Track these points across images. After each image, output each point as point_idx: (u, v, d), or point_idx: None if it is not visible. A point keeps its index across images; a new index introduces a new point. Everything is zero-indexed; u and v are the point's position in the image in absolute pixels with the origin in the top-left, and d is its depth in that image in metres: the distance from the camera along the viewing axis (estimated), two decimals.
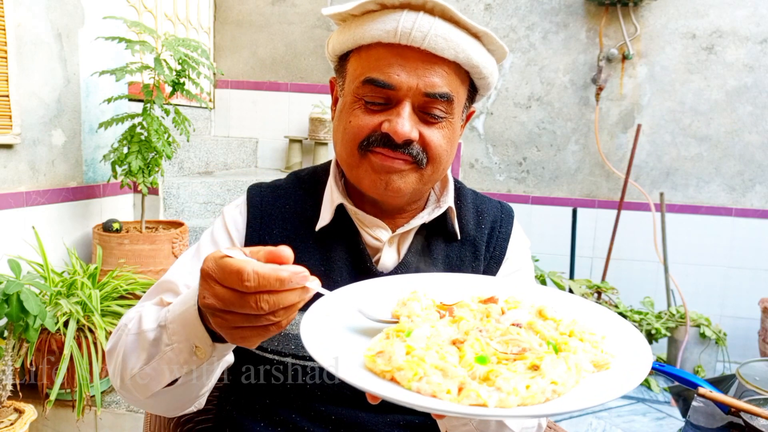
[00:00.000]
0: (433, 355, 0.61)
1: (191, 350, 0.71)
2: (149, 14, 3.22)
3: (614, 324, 0.71)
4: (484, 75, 0.89)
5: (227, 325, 0.61)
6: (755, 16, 3.31)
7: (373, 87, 0.84)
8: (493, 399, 0.56)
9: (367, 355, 0.63)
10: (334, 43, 0.92)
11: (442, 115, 0.87)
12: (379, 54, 0.85)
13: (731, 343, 3.25)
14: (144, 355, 0.76)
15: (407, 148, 0.85)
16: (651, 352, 0.63)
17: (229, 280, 0.58)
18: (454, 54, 0.84)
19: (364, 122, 0.86)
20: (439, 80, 0.84)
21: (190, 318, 0.70)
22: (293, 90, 3.81)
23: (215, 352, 0.71)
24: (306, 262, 0.92)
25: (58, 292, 2.04)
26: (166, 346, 0.73)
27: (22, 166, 2.24)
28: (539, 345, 0.64)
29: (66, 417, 2.09)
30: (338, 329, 0.69)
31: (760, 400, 1.17)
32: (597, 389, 0.59)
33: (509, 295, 0.77)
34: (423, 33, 0.82)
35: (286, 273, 0.59)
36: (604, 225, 3.54)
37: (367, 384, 0.57)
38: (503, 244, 1.00)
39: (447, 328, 0.69)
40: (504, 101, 3.63)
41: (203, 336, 0.69)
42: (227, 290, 0.59)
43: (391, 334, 0.67)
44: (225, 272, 0.58)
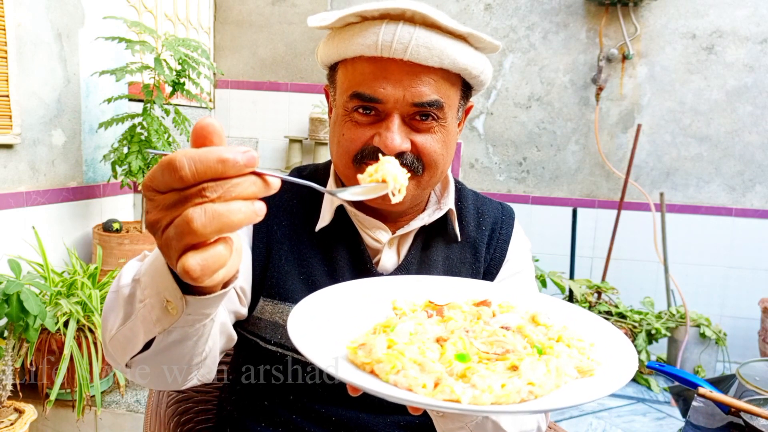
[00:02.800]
0: (414, 350, 0.62)
1: (162, 306, 0.60)
2: (149, 14, 3.21)
3: (607, 333, 0.71)
4: (475, 74, 0.88)
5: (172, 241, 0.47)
6: (755, 16, 3.31)
7: (360, 101, 0.84)
8: (467, 396, 0.55)
9: (350, 347, 0.63)
10: (321, 54, 0.92)
11: (433, 121, 0.86)
12: (363, 68, 0.84)
13: (731, 343, 3.25)
14: (121, 313, 0.67)
15: (401, 158, 0.84)
16: (637, 363, 0.63)
17: (164, 179, 0.46)
18: (439, 61, 0.82)
19: (355, 136, 0.86)
20: (427, 89, 0.83)
21: (158, 266, 0.59)
22: (293, 90, 3.81)
23: (188, 308, 0.59)
24: (309, 262, 0.93)
25: (58, 292, 2.04)
26: (139, 302, 0.64)
27: (22, 166, 2.24)
28: (524, 348, 0.65)
29: (66, 417, 2.09)
30: (327, 323, 0.69)
31: (760, 400, 1.17)
32: (574, 393, 0.59)
33: (504, 300, 0.78)
34: (404, 44, 0.80)
35: (229, 153, 0.46)
36: (604, 225, 3.54)
37: (344, 374, 0.57)
38: (504, 246, 1.00)
39: (434, 327, 0.69)
40: (504, 101, 3.63)
41: (172, 287, 0.58)
42: (166, 195, 0.47)
43: (377, 329, 0.68)
44: (157, 172, 0.46)
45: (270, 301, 0.91)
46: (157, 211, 0.47)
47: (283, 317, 0.90)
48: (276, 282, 0.91)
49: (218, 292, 0.59)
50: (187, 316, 0.61)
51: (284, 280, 0.91)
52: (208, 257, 0.46)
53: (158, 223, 0.47)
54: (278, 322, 0.91)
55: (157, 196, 0.47)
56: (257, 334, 0.93)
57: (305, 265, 0.92)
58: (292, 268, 0.91)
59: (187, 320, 0.62)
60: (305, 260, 0.92)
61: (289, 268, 0.91)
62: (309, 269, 0.92)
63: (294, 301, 0.89)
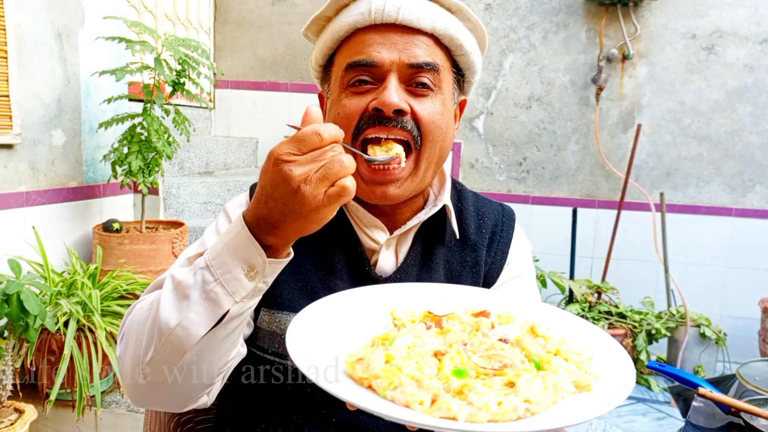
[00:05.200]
0: (412, 365, 0.62)
1: (241, 275, 0.69)
2: (149, 14, 3.22)
3: (606, 345, 0.71)
4: (465, 51, 0.89)
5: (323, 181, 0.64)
6: (755, 16, 3.31)
7: (357, 69, 0.85)
8: (464, 413, 0.56)
9: (348, 362, 0.63)
10: (315, 53, 0.94)
11: (430, 86, 0.86)
12: (358, 39, 0.87)
13: (731, 343, 3.25)
14: (185, 302, 0.71)
15: (400, 121, 0.84)
16: (634, 378, 0.64)
17: (311, 141, 0.63)
18: (431, 24, 0.85)
19: (352, 107, 0.86)
20: (421, 51, 0.85)
21: (240, 241, 0.69)
22: (293, 90, 3.81)
23: (267, 268, 0.69)
24: (305, 265, 0.92)
25: (58, 292, 2.04)
26: (211, 283, 0.69)
27: (23, 166, 2.24)
28: (521, 362, 0.65)
29: (66, 417, 2.09)
30: (325, 336, 0.69)
31: (760, 400, 1.17)
32: (570, 411, 0.59)
33: (503, 310, 0.77)
34: (396, 6, 0.83)
35: (335, 126, 0.66)
36: (604, 225, 3.54)
37: (340, 391, 0.57)
38: (504, 248, 0.99)
39: (432, 339, 0.69)
40: (504, 101, 3.63)
41: (258, 251, 0.68)
42: (308, 154, 0.64)
43: (375, 342, 0.68)
44: (298, 141, 0.64)
45: (267, 311, 0.91)
46: (304, 166, 0.63)
47: (281, 326, 0.90)
48: (271, 291, 0.89)
49: (285, 258, 0.72)
50: (259, 284, 0.70)
51: (280, 289, 0.90)
52: (349, 181, 0.64)
53: (308, 172, 0.63)
54: (276, 332, 0.90)
55: (299, 158, 0.64)
56: (256, 344, 0.92)
57: (301, 270, 0.91)
58: (287, 275, 0.90)
59: (256, 290, 0.70)
60: (301, 265, 0.91)
61: (284, 276, 0.90)
62: (305, 274, 0.91)
63: (291, 309, 0.89)
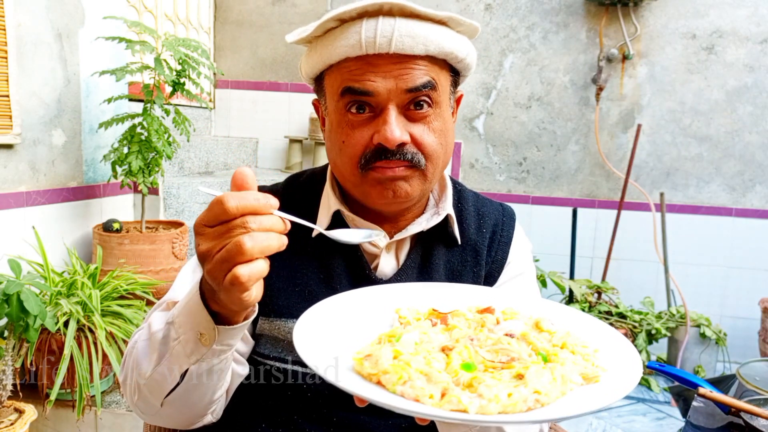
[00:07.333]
0: (420, 360, 0.62)
1: (196, 339, 0.71)
2: (149, 14, 3.22)
3: (611, 338, 0.72)
4: (461, 58, 0.87)
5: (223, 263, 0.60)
6: (755, 16, 3.31)
7: (352, 96, 0.84)
8: (474, 405, 0.56)
9: (356, 358, 0.64)
10: (305, 67, 0.92)
11: (429, 108, 0.85)
12: (350, 67, 0.84)
13: (731, 343, 3.25)
14: (155, 355, 0.76)
15: (402, 153, 0.84)
16: (641, 369, 0.64)
17: (215, 213, 0.60)
18: (424, 48, 0.82)
19: (355, 139, 0.85)
20: (417, 73, 0.83)
21: (193, 305, 0.70)
22: (293, 90, 3.81)
23: (219, 336, 0.70)
24: (305, 269, 0.92)
25: (58, 292, 2.04)
26: (174, 341, 0.73)
27: (22, 166, 2.24)
28: (529, 355, 0.65)
29: (66, 417, 2.09)
30: (332, 334, 0.69)
31: (760, 400, 1.17)
32: (580, 401, 0.59)
33: (507, 307, 0.77)
34: (387, 38, 0.80)
35: (260, 194, 0.61)
36: (604, 225, 3.54)
37: (351, 386, 0.57)
38: (505, 248, 0.99)
39: (439, 335, 0.69)
40: (504, 101, 3.63)
41: (206, 319, 0.69)
42: (215, 228, 0.60)
43: (382, 339, 0.68)
44: (208, 210, 0.61)
45: (266, 320, 0.91)
46: (209, 241, 0.60)
47: (282, 332, 0.90)
48: (270, 299, 0.90)
49: (241, 324, 0.71)
50: (216, 346, 0.71)
51: (276, 297, 0.90)
52: (253, 267, 0.59)
53: (211, 250, 0.60)
54: (278, 337, 0.90)
55: (207, 230, 0.60)
56: (257, 351, 0.93)
57: (300, 276, 0.91)
58: (286, 282, 0.90)
59: (215, 351, 0.72)
60: (300, 271, 0.91)
61: (283, 283, 0.90)
62: (305, 279, 0.91)
63: (291, 315, 0.89)
